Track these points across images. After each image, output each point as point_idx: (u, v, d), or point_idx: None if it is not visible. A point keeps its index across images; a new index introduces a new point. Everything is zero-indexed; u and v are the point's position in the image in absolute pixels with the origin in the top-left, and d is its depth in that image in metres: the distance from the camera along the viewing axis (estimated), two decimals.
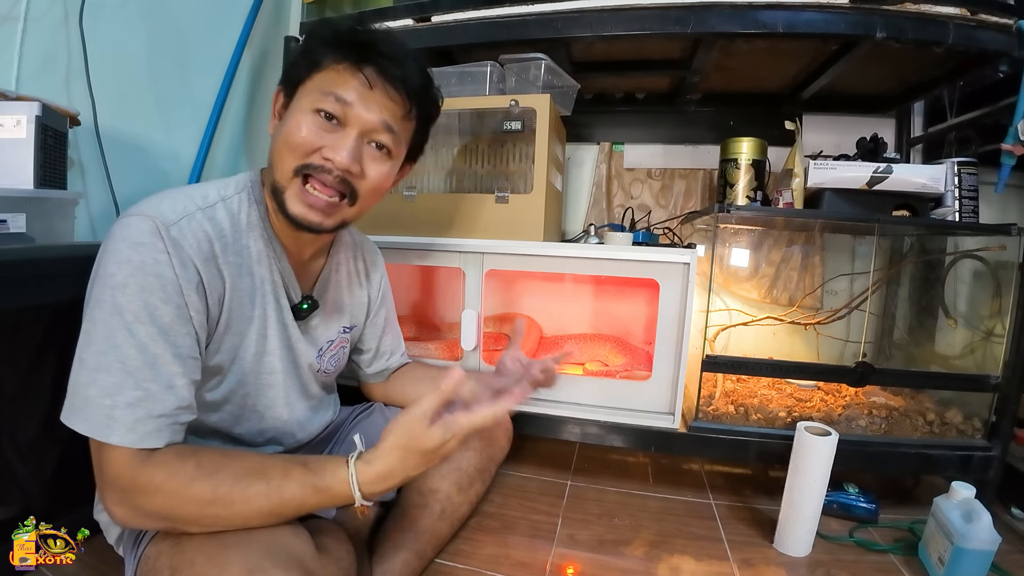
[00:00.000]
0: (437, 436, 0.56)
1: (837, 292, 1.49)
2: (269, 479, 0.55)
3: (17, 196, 0.86)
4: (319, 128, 0.61)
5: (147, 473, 0.52)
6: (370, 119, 0.62)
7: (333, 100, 0.61)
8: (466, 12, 1.17)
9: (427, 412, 0.57)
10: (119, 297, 0.53)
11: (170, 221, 0.56)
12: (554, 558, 0.93)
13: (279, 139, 0.63)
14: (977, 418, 1.09)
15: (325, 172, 0.62)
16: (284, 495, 0.55)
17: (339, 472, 0.57)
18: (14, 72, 0.97)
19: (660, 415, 1.10)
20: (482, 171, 1.36)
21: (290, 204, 0.63)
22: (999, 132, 1.02)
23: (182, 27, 1.30)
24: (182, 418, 0.57)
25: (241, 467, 0.55)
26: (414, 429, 0.57)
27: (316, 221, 0.63)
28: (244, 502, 0.54)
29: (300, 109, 0.62)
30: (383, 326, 0.92)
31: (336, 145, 0.61)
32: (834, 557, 0.95)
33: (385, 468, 0.57)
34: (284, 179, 0.62)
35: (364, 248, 0.88)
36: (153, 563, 0.56)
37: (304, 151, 0.61)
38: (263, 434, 0.73)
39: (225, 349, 0.64)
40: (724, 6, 1.03)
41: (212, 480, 0.53)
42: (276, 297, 0.69)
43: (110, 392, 0.52)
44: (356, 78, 0.62)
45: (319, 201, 0.62)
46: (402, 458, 0.57)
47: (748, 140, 1.25)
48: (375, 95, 0.63)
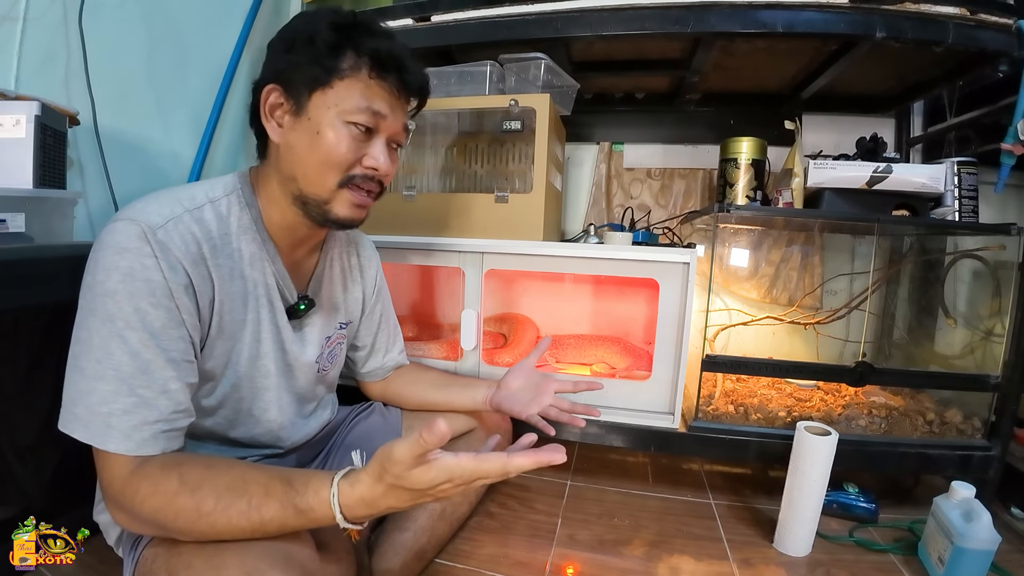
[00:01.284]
0: (427, 478, 0.50)
1: (837, 292, 1.49)
2: (250, 497, 0.52)
3: (16, 196, 0.86)
4: (357, 141, 0.63)
5: (132, 485, 0.52)
6: (397, 126, 0.67)
7: (371, 114, 0.62)
8: (466, 12, 1.17)
9: (404, 458, 0.49)
10: (109, 304, 0.52)
11: (156, 224, 0.55)
12: (554, 558, 0.93)
13: (311, 154, 0.62)
14: (977, 418, 1.09)
15: (370, 180, 0.66)
16: (264, 516, 0.52)
17: (321, 492, 0.53)
18: (13, 72, 0.97)
19: (660, 415, 1.10)
20: (482, 171, 1.36)
21: (338, 211, 0.65)
22: (999, 132, 1.02)
23: (181, 27, 1.30)
24: (179, 423, 0.56)
25: (222, 482, 0.53)
26: (393, 469, 0.50)
27: (360, 217, 0.68)
28: (226, 521, 0.52)
29: (330, 123, 0.61)
30: (378, 322, 0.91)
31: (375, 154, 0.64)
32: (834, 557, 0.95)
33: (368, 495, 0.52)
34: (325, 191, 0.64)
35: (358, 243, 0.87)
36: (150, 565, 0.56)
37: (348, 165, 0.63)
38: (259, 436, 0.72)
39: (218, 354, 0.64)
40: (724, 6, 1.03)
41: (194, 497, 0.52)
42: (270, 300, 0.68)
43: (106, 400, 0.52)
44: (385, 89, 0.63)
45: (367, 200, 0.67)
46: (384, 492, 0.52)
47: (748, 140, 1.25)
48: (400, 104, 0.66)
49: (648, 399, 1.10)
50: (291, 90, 0.62)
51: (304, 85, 0.61)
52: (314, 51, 0.60)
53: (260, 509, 0.52)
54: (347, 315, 0.84)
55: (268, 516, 0.52)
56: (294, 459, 0.80)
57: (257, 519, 0.52)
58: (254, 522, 0.52)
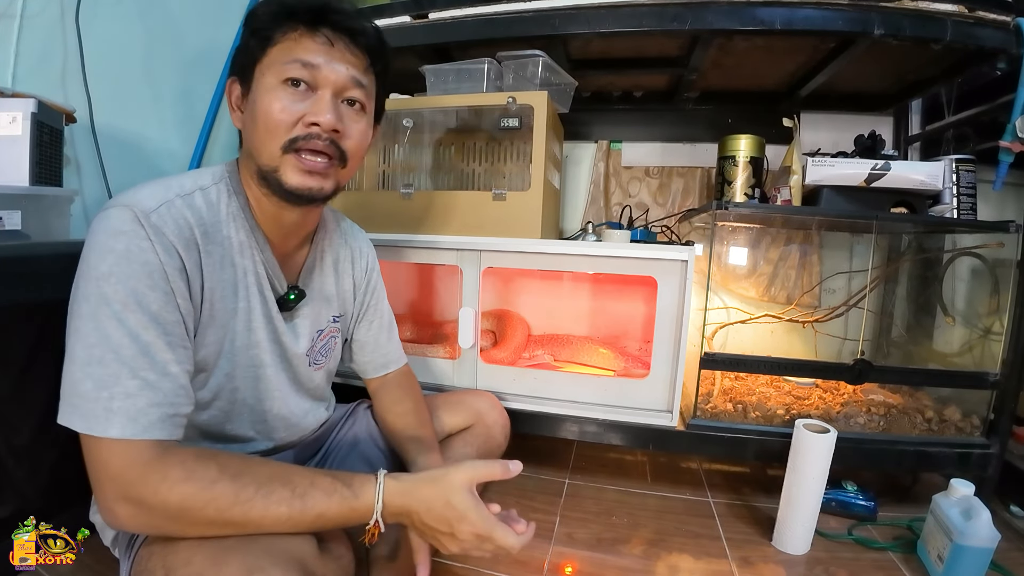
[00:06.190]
0: (480, 524, 0.59)
1: (835, 290, 1.49)
2: (294, 485, 0.55)
3: (13, 193, 0.86)
4: (292, 98, 0.60)
5: (159, 470, 0.50)
6: (339, 77, 0.62)
7: (299, 66, 0.60)
8: (463, 9, 1.17)
9: (467, 484, 0.60)
10: (104, 288, 0.51)
11: (150, 208, 0.55)
12: (552, 556, 0.93)
13: (255, 125, 0.61)
14: (976, 415, 1.09)
15: (314, 138, 0.61)
16: (307, 503, 0.55)
17: (367, 485, 0.58)
18: (10, 69, 0.97)
19: (658, 413, 1.09)
20: (479, 168, 1.36)
21: (288, 178, 0.62)
22: (997, 129, 1.02)
23: (178, 24, 1.30)
24: (183, 408, 0.55)
25: (264, 472, 0.55)
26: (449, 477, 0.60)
27: (316, 187, 0.63)
28: (265, 508, 0.53)
29: (265, 88, 0.60)
30: (372, 316, 0.89)
31: (316, 109, 0.61)
32: (833, 555, 0.95)
33: (411, 487, 0.59)
34: (273, 160, 0.61)
35: (350, 236, 0.86)
36: (146, 563, 0.54)
37: (286, 126, 0.60)
38: (255, 429, 0.72)
39: (210, 342, 0.63)
40: (722, 3, 1.02)
41: (235, 483, 0.52)
42: (260, 289, 0.68)
43: (106, 384, 0.50)
44: (315, 40, 0.61)
45: (317, 165, 0.62)
46: (426, 495, 0.59)
47: (746, 137, 1.25)
48: (338, 52, 0.62)
49: (646, 397, 1.10)
50: (242, 76, 0.63)
51: (248, 66, 0.62)
52: (251, 30, 0.62)
53: (304, 496, 0.55)
54: (340, 307, 0.83)
55: (311, 503, 0.55)
56: (292, 455, 0.79)
57: (299, 506, 0.54)
58: (294, 509, 0.54)
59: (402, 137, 1.33)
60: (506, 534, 0.59)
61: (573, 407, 1.13)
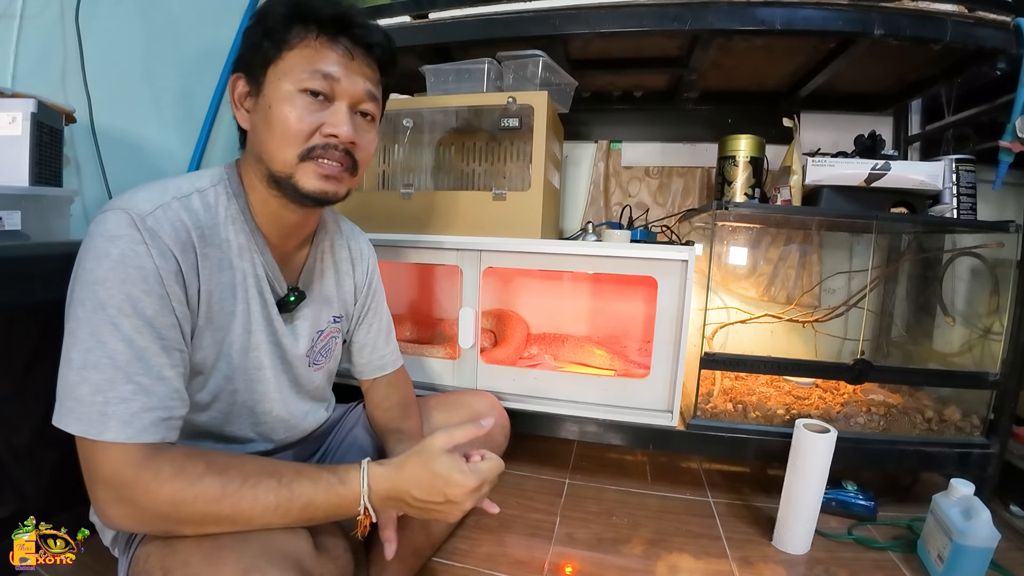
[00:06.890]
0: (468, 480, 0.59)
1: (835, 290, 1.49)
2: (280, 476, 0.56)
3: (12, 193, 0.86)
4: (310, 108, 0.61)
5: (151, 468, 0.51)
6: (357, 90, 0.63)
7: (320, 78, 0.60)
8: (463, 9, 1.17)
9: (444, 446, 0.60)
10: (100, 292, 0.52)
11: (145, 212, 0.55)
12: (552, 556, 0.93)
13: (269, 131, 0.61)
14: (975, 415, 1.09)
15: (331, 149, 0.62)
16: (295, 491, 0.55)
17: (351, 471, 0.59)
18: (10, 69, 0.97)
19: (658, 413, 1.09)
20: (480, 168, 1.35)
21: (305, 183, 0.62)
22: (997, 129, 1.02)
23: (178, 24, 1.29)
24: (177, 411, 0.56)
25: (251, 466, 0.56)
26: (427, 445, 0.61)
27: (332, 190, 0.64)
28: (253, 498, 0.53)
29: (282, 95, 0.60)
30: (371, 318, 0.89)
31: (334, 121, 0.61)
32: (833, 555, 0.95)
33: (394, 472, 0.60)
34: (288, 167, 0.62)
35: (350, 236, 0.86)
36: (143, 564, 0.55)
37: (304, 136, 0.61)
38: (256, 432, 0.72)
39: (207, 345, 0.63)
40: (722, 3, 1.02)
41: (222, 477, 0.53)
42: (260, 291, 0.68)
43: (101, 389, 0.51)
44: (335, 50, 0.61)
45: (333, 169, 0.63)
46: (410, 473, 0.60)
47: (746, 137, 1.25)
48: (356, 65, 0.63)
49: (647, 397, 1.10)
50: (251, 74, 0.63)
51: (259, 66, 0.61)
52: (264, 29, 0.61)
53: (291, 485, 0.55)
54: (340, 308, 0.83)
55: (299, 491, 0.56)
56: (291, 456, 0.79)
57: (287, 494, 0.55)
58: (282, 497, 0.55)
59: (402, 137, 1.33)
60: (490, 467, 0.62)
61: (573, 407, 1.13)
